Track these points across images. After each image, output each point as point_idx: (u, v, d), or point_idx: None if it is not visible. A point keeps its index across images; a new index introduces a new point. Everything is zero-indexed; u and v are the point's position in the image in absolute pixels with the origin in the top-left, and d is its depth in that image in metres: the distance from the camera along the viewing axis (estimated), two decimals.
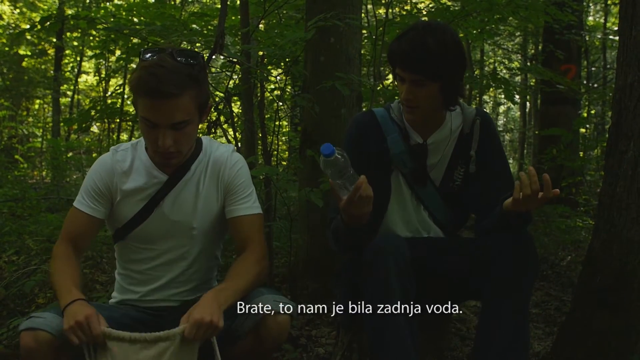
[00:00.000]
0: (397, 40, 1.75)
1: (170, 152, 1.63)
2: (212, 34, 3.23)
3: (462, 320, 3.00)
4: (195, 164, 1.79)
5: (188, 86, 1.56)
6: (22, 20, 12.33)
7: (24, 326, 1.49)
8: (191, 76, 1.58)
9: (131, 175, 1.76)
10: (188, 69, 1.57)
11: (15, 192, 5.24)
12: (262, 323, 1.58)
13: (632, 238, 1.99)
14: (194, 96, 1.59)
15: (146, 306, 1.81)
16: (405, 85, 1.75)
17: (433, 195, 1.92)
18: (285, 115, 6.40)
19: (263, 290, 1.67)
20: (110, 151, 1.81)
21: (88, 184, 1.76)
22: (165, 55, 1.58)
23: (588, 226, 4.86)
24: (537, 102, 10.72)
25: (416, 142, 1.88)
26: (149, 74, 1.52)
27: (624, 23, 2.08)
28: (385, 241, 1.66)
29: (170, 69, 1.54)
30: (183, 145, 1.65)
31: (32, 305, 2.87)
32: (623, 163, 2.02)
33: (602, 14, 12.50)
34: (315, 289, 3.14)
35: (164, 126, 1.58)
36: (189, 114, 1.59)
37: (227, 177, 1.79)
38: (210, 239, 1.85)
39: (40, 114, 14.79)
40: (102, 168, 1.77)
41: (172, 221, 1.77)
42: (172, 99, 1.54)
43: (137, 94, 1.57)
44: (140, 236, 1.78)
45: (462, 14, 3.67)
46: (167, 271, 1.80)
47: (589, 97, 8.26)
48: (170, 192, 1.76)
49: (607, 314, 2.02)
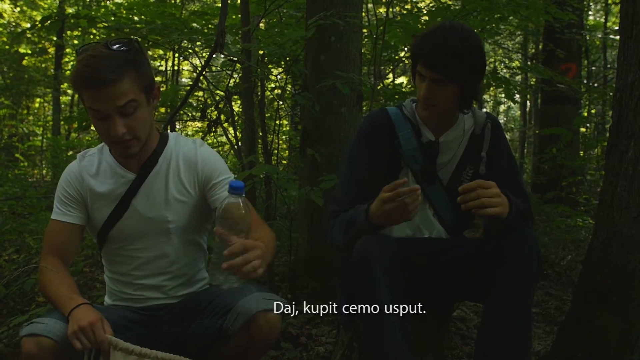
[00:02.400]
0: (423, 38, 1.77)
1: (127, 140, 1.61)
2: (213, 33, 3.23)
3: (463, 319, 3.01)
4: (162, 157, 1.77)
5: (125, 69, 1.56)
6: (22, 19, 12.34)
7: (26, 332, 1.47)
8: (127, 60, 1.57)
9: (99, 178, 1.76)
10: (122, 54, 1.57)
11: (16, 191, 5.26)
12: (252, 321, 1.57)
13: (632, 237, 1.99)
14: (134, 78, 1.58)
15: (140, 306, 1.80)
16: (425, 83, 1.76)
17: (440, 194, 1.92)
18: (286, 114, 6.40)
19: (252, 288, 1.65)
20: (77, 158, 1.82)
21: (60, 193, 1.76)
22: (98, 46, 1.58)
23: (588, 225, 4.86)
24: (538, 102, 10.72)
25: (428, 139, 1.89)
26: (83, 66, 1.53)
27: (625, 22, 2.08)
28: (372, 241, 1.65)
29: (105, 56, 1.54)
30: (137, 130, 1.62)
31: (32, 304, 2.87)
32: (623, 162, 2.02)
33: (603, 13, 12.49)
34: (315, 287, 3.14)
35: (112, 113, 1.56)
36: (132, 95, 1.58)
37: (203, 172, 1.77)
38: (189, 232, 1.83)
39: (41, 112, 14.80)
40: (71, 175, 1.77)
41: (147, 218, 1.75)
42: (111, 85, 1.53)
43: (78, 87, 1.57)
44: (118, 237, 1.77)
45: (463, 13, 3.67)
46: (151, 269, 1.79)
47: (590, 96, 8.25)
48: (140, 188, 1.75)
49: (608, 313, 2.02)
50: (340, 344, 2.02)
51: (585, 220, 5.08)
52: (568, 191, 5.47)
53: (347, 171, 1.91)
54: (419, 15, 4.25)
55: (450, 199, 1.93)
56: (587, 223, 4.94)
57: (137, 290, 1.80)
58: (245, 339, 1.61)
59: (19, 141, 8.95)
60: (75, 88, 1.59)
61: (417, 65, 1.78)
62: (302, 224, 3.33)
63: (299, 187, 3.24)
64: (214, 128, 3.11)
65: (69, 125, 9.51)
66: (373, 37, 3.73)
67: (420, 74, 1.78)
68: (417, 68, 1.78)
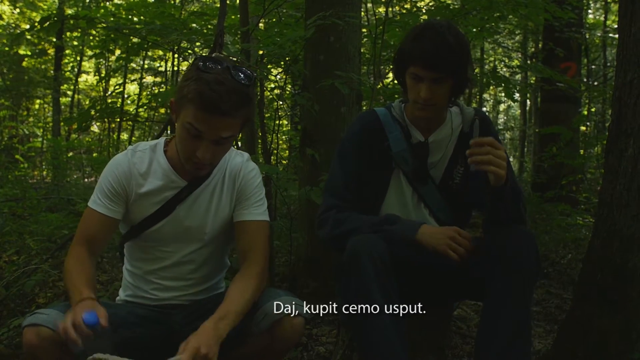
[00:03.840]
0: (415, 41, 1.76)
1: (205, 165, 1.64)
2: (212, 33, 3.24)
3: (463, 318, 3.00)
4: (215, 171, 1.79)
5: (244, 107, 1.57)
6: (22, 20, 12.33)
7: (27, 322, 1.49)
8: (248, 98, 1.59)
9: (149, 178, 1.74)
10: (245, 89, 1.57)
11: (16, 192, 5.26)
12: (278, 324, 1.59)
13: (632, 235, 1.99)
14: (245, 116, 1.60)
15: (155, 304, 1.80)
16: (423, 84, 1.76)
17: (433, 193, 1.93)
18: (285, 114, 6.40)
19: (280, 292, 1.67)
20: (127, 151, 1.79)
21: (103, 184, 1.73)
22: (225, 71, 1.56)
23: (588, 224, 4.87)
24: (537, 100, 10.71)
25: (418, 140, 1.90)
26: (210, 90, 1.51)
27: (624, 21, 2.08)
28: (361, 242, 1.66)
29: (231, 88, 1.53)
30: (218, 158, 1.67)
31: (33, 305, 2.87)
32: (623, 161, 2.02)
33: (602, 12, 12.49)
34: (316, 287, 3.14)
35: (209, 140, 1.57)
36: (235, 131, 1.61)
37: (241, 184, 1.79)
38: (219, 243, 1.85)
39: (41, 113, 14.79)
40: (119, 169, 1.74)
41: (186, 226, 1.76)
42: (227, 118, 1.55)
43: (193, 104, 1.54)
44: (152, 237, 1.78)
45: (462, 12, 3.67)
46: (175, 272, 1.80)
47: (589, 95, 8.26)
48: (188, 197, 1.75)
49: (608, 311, 2.02)
50: (341, 344, 2.03)
51: (586, 218, 5.09)
52: (568, 190, 5.47)
53: (338, 169, 1.91)
54: (418, 14, 4.25)
55: (444, 197, 1.93)
56: (587, 221, 4.94)
57: (154, 290, 1.81)
58: (267, 340, 1.63)
59: (19, 142, 8.94)
60: (188, 101, 1.55)
61: (410, 68, 1.78)
62: (302, 223, 3.33)
63: (299, 187, 3.24)
64: None
65: (69, 126, 9.52)
66: (372, 36, 3.72)
67: (415, 76, 1.77)
68: (411, 70, 1.78)
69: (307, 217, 3.25)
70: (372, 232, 1.72)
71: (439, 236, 1.67)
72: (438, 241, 1.66)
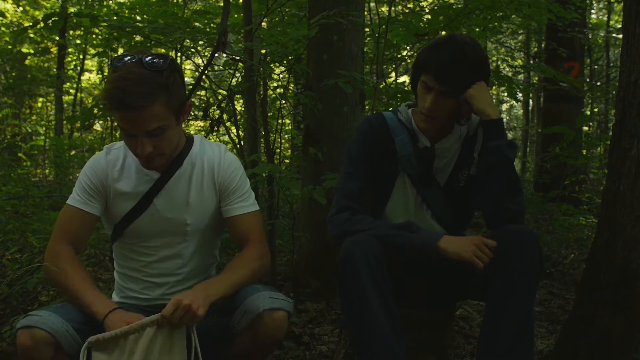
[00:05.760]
0: (433, 50, 1.75)
1: (152, 157, 1.65)
2: (215, 32, 3.23)
3: (466, 318, 3.00)
4: (187, 159, 1.79)
5: (157, 95, 1.55)
6: (25, 19, 12.34)
7: (21, 324, 1.50)
8: (159, 84, 1.56)
9: (123, 174, 1.77)
10: (156, 77, 1.56)
11: (18, 190, 5.26)
12: (258, 320, 1.59)
13: (635, 236, 1.98)
14: (165, 102, 1.58)
15: (147, 304, 1.81)
16: (430, 95, 1.75)
17: (437, 195, 1.92)
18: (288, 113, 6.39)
19: (259, 287, 1.67)
20: (103, 150, 1.83)
21: (83, 181, 1.77)
22: (132, 65, 1.55)
23: (591, 224, 4.85)
24: (540, 100, 10.69)
25: (424, 145, 1.89)
26: (115, 88, 1.52)
27: (628, 20, 2.08)
28: (355, 243, 1.65)
29: (137, 80, 1.53)
30: (164, 148, 1.66)
31: (35, 303, 2.87)
32: (627, 161, 2.02)
33: (605, 12, 12.45)
34: (318, 286, 3.14)
35: (140, 135, 1.58)
36: (162, 120, 1.59)
37: (222, 178, 1.80)
38: (205, 236, 1.85)
39: (43, 112, 14.80)
40: (97, 166, 1.78)
41: (166, 218, 1.77)
42: (142, 110, 1.54)
43: (108, 107, 1.58)
44: (135, 233, 1.79)
45: (465, 11, 3.66)
46: (162, 269, 1.81)
47: (592, 94, 8.25)
48: (163, 189, 1.77)
49: (611, 312, 2.02)
50: (343, 343, 2.02)
51: (588, 219, 5.07)
52: (571, 190, 5.46)
53: (351, 171, 1.89)
54: (421, 14, 4.25)
55: (448, 200, 1.93)
56: (590, 222, 4.93)
57: (145, 290, 1.82)
58: (251, 337, 1.62)
59: (21, 141, 8.93)
60: (105, 105, 1.59)
61: (423, 75, 1.77)
62: (304, 223, 3.33)
63: (302, 186, 3.24)
64: (216, 127, 3.11)
65: (71, 124, 9.52)
66: (375, 35, 3.72)
67: (426, 85, 1.76)
68: (423, 78, 1.77)
69: (309, 217, 3.25)
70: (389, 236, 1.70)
71: (464, 244, 1.64)
72: (464, 248, 1.63)
